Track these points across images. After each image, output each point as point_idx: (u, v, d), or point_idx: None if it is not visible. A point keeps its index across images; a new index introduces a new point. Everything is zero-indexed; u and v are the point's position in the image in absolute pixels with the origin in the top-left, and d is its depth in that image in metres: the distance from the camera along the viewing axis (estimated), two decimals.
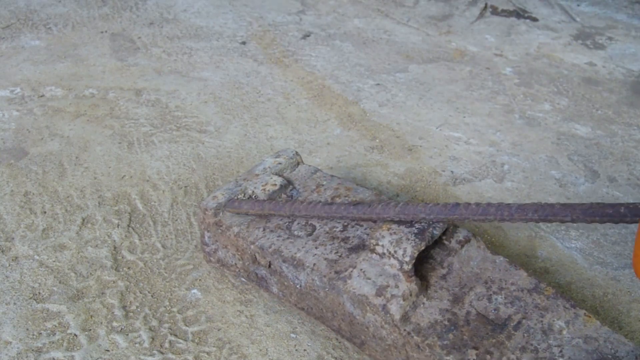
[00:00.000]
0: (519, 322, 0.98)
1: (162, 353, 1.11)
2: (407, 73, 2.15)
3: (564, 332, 0.96)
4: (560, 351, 0.93)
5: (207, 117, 1.84)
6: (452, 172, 1.62)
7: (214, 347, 1.13)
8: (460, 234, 1.09)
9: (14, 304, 1.19)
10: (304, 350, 1.13)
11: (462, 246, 1.08)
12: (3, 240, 1.34)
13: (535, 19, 2.61)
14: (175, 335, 1.15)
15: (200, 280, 1.27)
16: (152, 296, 1.23)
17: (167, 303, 1.22)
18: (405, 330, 0.97)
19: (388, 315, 0.98)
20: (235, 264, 1.23)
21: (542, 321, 0.98)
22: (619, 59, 2.28)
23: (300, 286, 1.11)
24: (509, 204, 0.96)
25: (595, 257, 1.37)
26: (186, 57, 2.19)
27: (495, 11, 2.61)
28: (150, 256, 1.33)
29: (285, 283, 1.14)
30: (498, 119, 1.90)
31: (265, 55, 2.24)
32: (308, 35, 2.40)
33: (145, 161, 1.63)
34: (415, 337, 0.96)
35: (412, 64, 2.22)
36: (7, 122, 1.76)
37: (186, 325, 1.17)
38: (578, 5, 2.76)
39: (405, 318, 0.98)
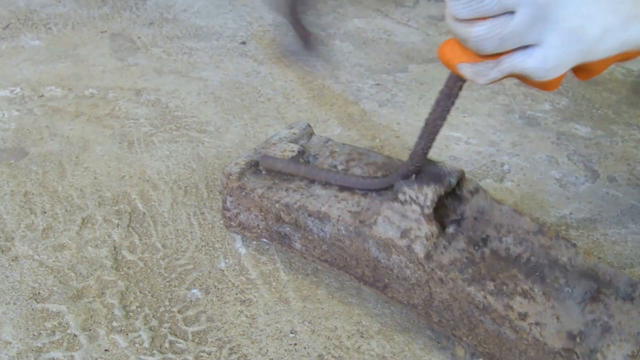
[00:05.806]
0: (528, 259, 1.08)
1: (162, 353, 1.11)
2: (407, 73, 2.15)
3: (567, 266, 1.06)
4: (566, 281, 1.04)
5: (207, 117, 1.84)
6: None
7: (214, 347, 1.13)
8: (471, 185, 1.18)
9: (14, 304, 1.19)
10: (304, 349, 1.13)
11: (473, 196, 1.17)
12: (3, 240, 1.34)
13: None
14: (175, 335, 1.15)
15: (200, 280, 1.27)
16: (152, 296, 1.23)
17: (167, 303, 1.22)
18: (429, 267, 1.05)
19: (413, 254, 1.06)
20: (258, 225, 1.28)
21: (547, 257, 1.08)
22: None
23: (326, 238, 1.17)
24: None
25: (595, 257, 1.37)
26: (186, 57, 2.19)
27: None
28: (150, 256, 1.33)
29: (310, 237, 1.20)
30: (498, 119, 1.90)
31: (265, 55, 2.24)
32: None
33: (145, 161, 1.63)
34: (438, 272, 1.04)
35: (412, 64, 2.22)
36: (7, 122, 1.76)
37: (186, 325, 1.17)
38: None
39: (428, 256, 1.06)
